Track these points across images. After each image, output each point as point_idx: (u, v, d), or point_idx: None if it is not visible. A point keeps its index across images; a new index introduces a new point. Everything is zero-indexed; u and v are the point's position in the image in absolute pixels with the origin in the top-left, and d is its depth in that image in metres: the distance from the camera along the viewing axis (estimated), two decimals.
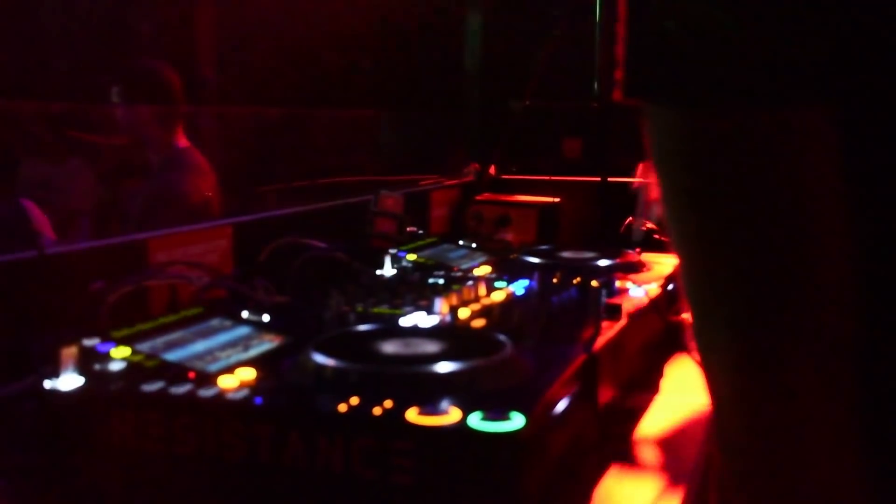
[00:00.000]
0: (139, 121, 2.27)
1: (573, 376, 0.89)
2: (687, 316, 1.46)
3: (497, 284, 1.29)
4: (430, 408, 0.74)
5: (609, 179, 2.40)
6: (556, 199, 2.31)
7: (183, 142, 2.31)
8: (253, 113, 2.09)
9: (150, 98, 2.20)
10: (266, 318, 1.04)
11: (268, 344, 0.96)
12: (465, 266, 1.46)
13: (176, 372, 0.85)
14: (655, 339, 1.28)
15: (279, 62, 2.08)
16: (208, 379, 0.83)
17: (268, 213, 1.64)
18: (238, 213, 2.07)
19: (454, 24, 2.36)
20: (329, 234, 1.56)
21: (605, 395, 0.99)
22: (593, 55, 1.96)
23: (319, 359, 0.83)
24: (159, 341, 0.93)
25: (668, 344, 1.34)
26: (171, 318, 1.00)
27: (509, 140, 2.11)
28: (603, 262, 1.41)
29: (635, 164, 2.35)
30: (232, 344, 0.95)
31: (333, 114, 2.26)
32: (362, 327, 0.98)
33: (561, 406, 0.83)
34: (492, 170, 2.47)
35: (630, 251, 1.54)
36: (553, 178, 2.49)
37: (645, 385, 1.20)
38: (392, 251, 1.45)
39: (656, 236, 2.29)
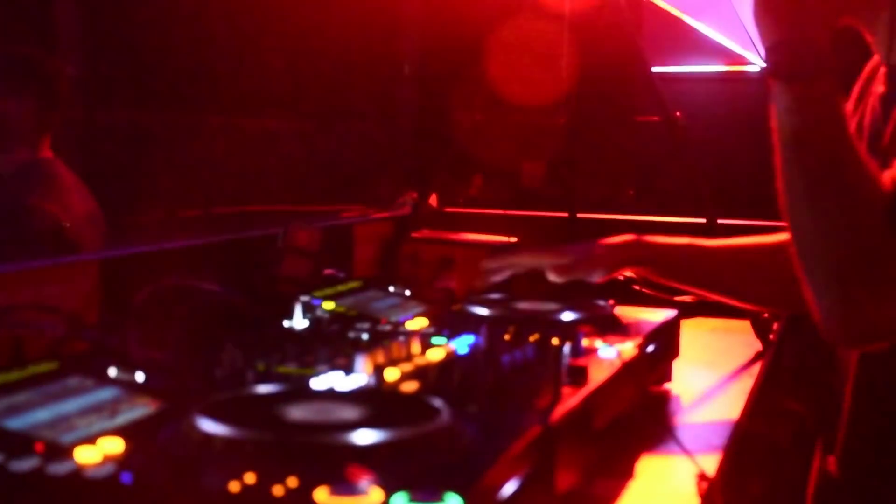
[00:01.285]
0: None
1: (525, 453, 0.92)
2: (670, 386, 1.52)
3: (434, 341, 1.31)
4: (344, 487, 0.76)
5: (578, 215, 2.47)
6: (512, 239, 2.36)
7: (47, 152, 2.31)
8: (126, 120, 2.10)
9: (21, 89, 2.20)
10: (140, 377, 1.05)
11: (141, 409, 0.97)
12: (395, 318, 1.49)
13: (18, 443, 0.85)
14: (629, 411, 1.32)
15: (161, 57, 2.10)
16: (62, 452, 0.84)
17: (145, 247, 1.65)
18: (103, 246, 2.07)
19: (388, 18, 2.42)
20: (223, 275, 1.58)
21: (565, 479, 1.02)
22: (561, 60, 2.04)
23: (206, 426, 0.85)
24: None
25: (645, 419, 1.38)
26: (14, 374, 1.01)
27: (455, 162, 2.16)
28: (567, 316, 1.46)
29: (611, 194, 2.42)
30: (94, 409, 0.95)
31: (231, 123, 2.28)
32: (262, 388, 1.00)
33: (509, 489, 0.86)
34: (432, 200, 2.52)
35: (601, 303, 1.58)
36: (509, 211, 2.55)
37: (615, 469, 1.23)
38: (304, 298, 1.47)
39: (635, 287, 2.36)
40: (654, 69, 2.11)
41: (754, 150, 3.42)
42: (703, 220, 2.10)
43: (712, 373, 1.78)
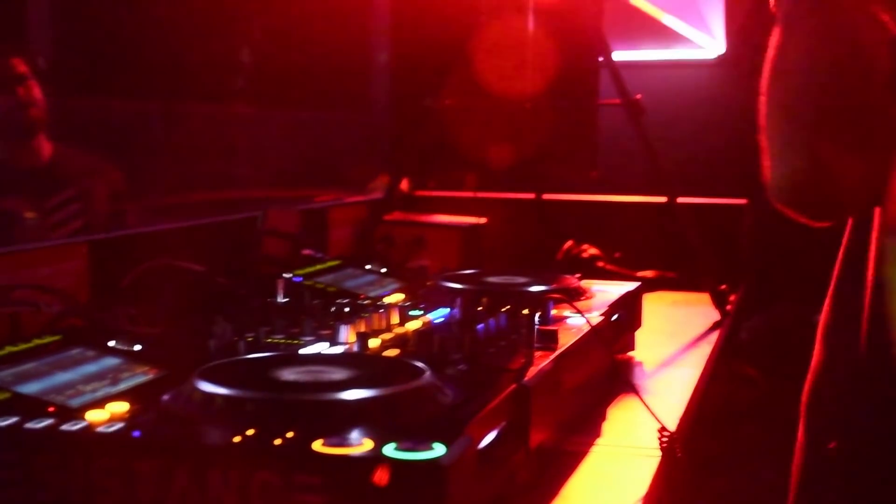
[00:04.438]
0: None
1: (501, 408, 0.98)
2: (633, 354, 1.58)
3: (412, 313, 1.37)
4: (338, 439, 0.81)
5: (545, 196, 2.54)
6: (482, 220, 2.42)
7: None
8: (98, 105, 2.12)
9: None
10: (138, 348, 1.10)
11: (141, 377, 1.03)
12: (373, 294, 1.55)
13: (32, 406, 0.91)
14: (597, 376, 1.39)
15: (134, 44, 2.12)
16: (72, 413, 0.89)
17: (132, 230, 1.69)
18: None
19: (360, 5, 2.46)
20: (206, 256, 1.63)
21: (539, 434, 1.08)
22: (526, 47, 2.09)
23: (207, 387, 0.90)
24: (7, 373, 0.98)
25: (611, 383, 1.45)
26: (20, 346, 1.06)
27: (425, 147, 2.22)
28: (536, 288, 1.52)
29: (575, 176, 2.49)
30: (98, 376, 1.01)
31: (205, 110, 2.31)
32: (255, 355, 1.05)
33: (487, 440, 0.92)
34: (404, 184, 2.57)
35: (568, 276, 1.65)
36: (478, 194, 2.61)
37: (584, 428, 1.30)
38: (286, 275, 1.52)
39: (599, 263, 2.43)
40: (616, 55, 2.18)
41: (711, 133, 3.51)
42: (663, 199, 2.17)
43: (673, 342, 1.85)
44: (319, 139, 2.61)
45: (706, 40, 3.76)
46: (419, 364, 1.00)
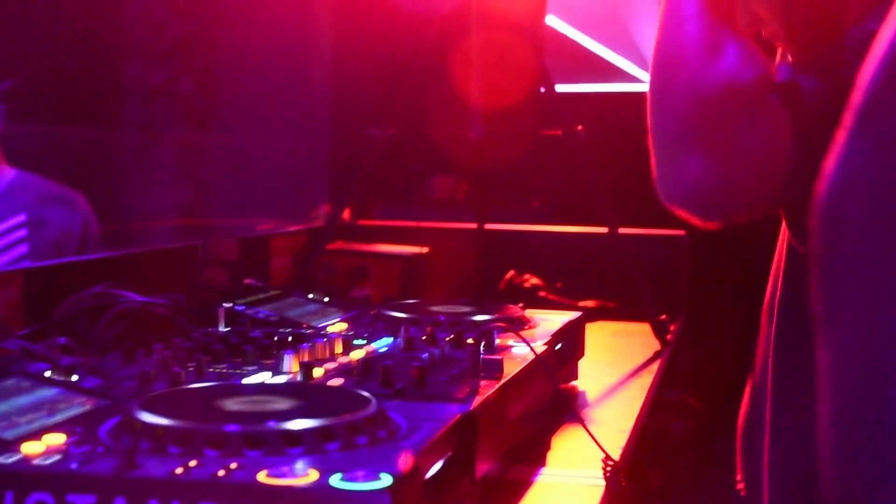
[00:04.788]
0: None
1: (447, 438, 0.97)
2: (577, 383, 1.58)
3: (356, 343, 1.36)
4: (283, 469, 0.80)
5: (486, 226, 2.54)
6: (424, 249, 2.42)
7: None
8: (43, 134, 2.09)
9: None
10: (76, 378, 1.08)
11: (78, 408, 1.00)
12: (316, 323, 1.54)
13: None
14: (542, 405, 1.39)
15: (78, 73, 2.10)
16: (7, 445, 0.87)
17: (67, 258, 1.66)
18: None
19: (302, 33, 2.46)
20: (145, 286, 1.60)
21: (484, 463, 1.07)
22: (468, 76, 2.11)
23: (148, 418, 0.88)
24: None
25: (556, 412, 1.45)
26: None
27: (368, 177, 2.21)
28: (480, 317, 1.52)
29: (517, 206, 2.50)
30: (33, 407, 0.98)
31: (145, 139, 2.29)
32: (198, 385, 1.04)
33: (433, 470, 0.92)
34: (346, 214, 2.56)
35: (511, 305, 1.65)
36: (420, 223, 2.61)
37: (529, 457, 1.30)
38: (227, 305, 1.50)
39: (541, 293, 2.44)
40: (557, 86, 2.20)
41: (649, 165, 3.55)
42: (604, 230, 2.19)
43: (615, 371, 1.87)
44: (261, 168, 2.60)
45: (643, 74, 3.83)
46: (364, 393, 0.99)
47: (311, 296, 1.71)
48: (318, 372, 1.17)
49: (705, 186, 1.06)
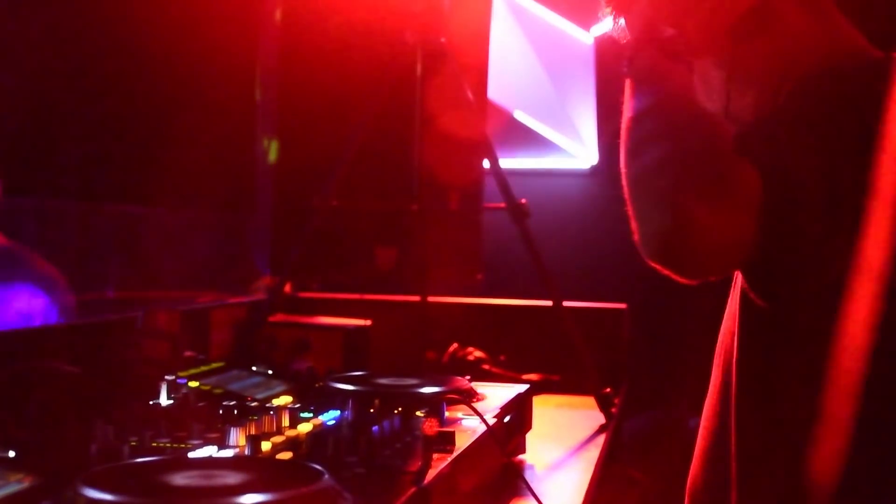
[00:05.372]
0: None
1: None
2: (524, 457, 1.57)
3: (303, 415, 1.34)
4: None
5: (430, 298, 2.53)
6: (366, 322, 2.40)
7: None
8: None
9: None
10: (11, 454, 1.04)
11: (15, 485, 0.96)
12: (260, 396, 1.50)
13: None
14: (492, 479, 1.37)
15: (11, 143, 2.06)
16: None
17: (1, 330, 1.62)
18: None
19: (245, 105, 2.45)
20: (82, 358, 1.56)
21: None
22: (412, 148, 2.12)
23: (92, 494, 0.85)
24: None
25: (505, 486, 1.43)
26: None
27: (310, 247, 2.20)
28: (429, 389, 1.50)
29: (460, 279, 2.50)
30: None
31: (79, 208, 2.24)
32: (143, 459, 1.00)
33: None
34: (287, 287, 2.54)
35: (458, 378, 1.64)
36: (362, 296, 2.59)
37: None
38: (168, 377, 1.47)
39: (485, 366, 2.43)
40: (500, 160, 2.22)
41: (589, 240, 3.59)
42: (548, 303, 2.20)
43: (561, 445, 1.85)
44: (200, 239, 2.56)
45: (580, 150, 3.89)
46: (315, 467, 0.97)
47: (254, 368, 1.68)
48: (265, 445, 1.14)
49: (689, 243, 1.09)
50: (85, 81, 2.09)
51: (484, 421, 1.31)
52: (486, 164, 2.21)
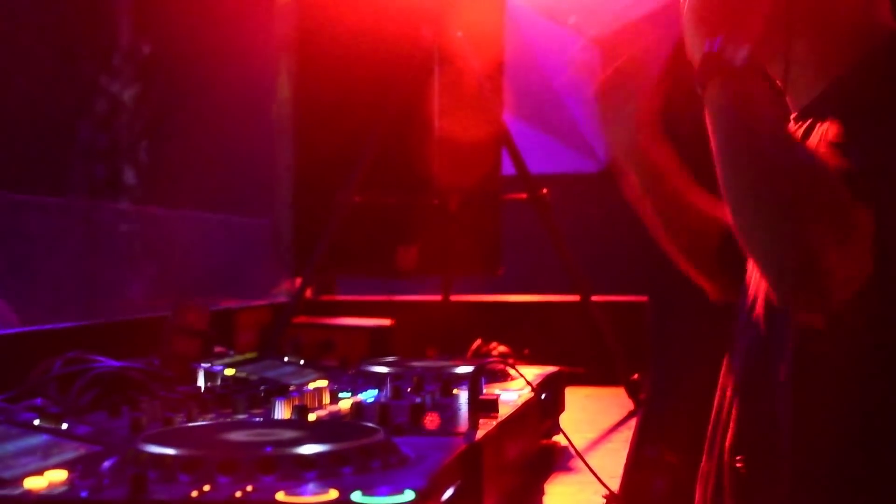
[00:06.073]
0: None
1: (455, 466, 0.96)
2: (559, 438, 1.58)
3: (341, 395, 1.35)
4: (300, 489, 0.79)
5: (452, 297, 2.55)
6: (388, 322, 2.41)
7: None
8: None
9: None
10: (65, 426, 1.05)
11: (72, 452, 0.97)
12: (296, 381, 1.51)
13: None
14: (533, 454, 1.39)
15: (19, 135, 2.07)
16: (8, 483, 0.84)
17: (37, 326, 1.63)
18: None
19: (262, 110, 2.47)
20: (116, 355, 1.57)
21: (490, 497, 1.06)
22: (431, 144, 2.14)
23: (154, 449, 0.86)
24: None
25: (544, 458, 1.45)
26: None
27: (332, 247, 2.21)
28: (464, 369, 1.51)
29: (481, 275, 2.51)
30: (27, 452, 0.95)
31: (110, 209, 2.25)
32: (200, 422, 1.02)
33: (447, 494, 0.90)
34: (308, 293, 2.55)
35: (490, 359, 1.65)
36: (383, 297, 2.60)
37: (527, 498, 1.29)
38: (205, 365, 1.48)
39: (509, 360, 2.44)
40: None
41: (606, 237, 3.61)
42: (574, 298, 2.21)
43: (594, 428, 1.86)
44: (221, 242, 2.58)
45: (587, 157, 3.92)
46: (370, 424, 0.98)
47: (286, 359, 1.69)
48: (311, 417, 1.15)
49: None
50: (109, 84, 2.12)
51: (529, 383, 1.32)
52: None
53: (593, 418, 1.95)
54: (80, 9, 2.14)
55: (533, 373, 1.65)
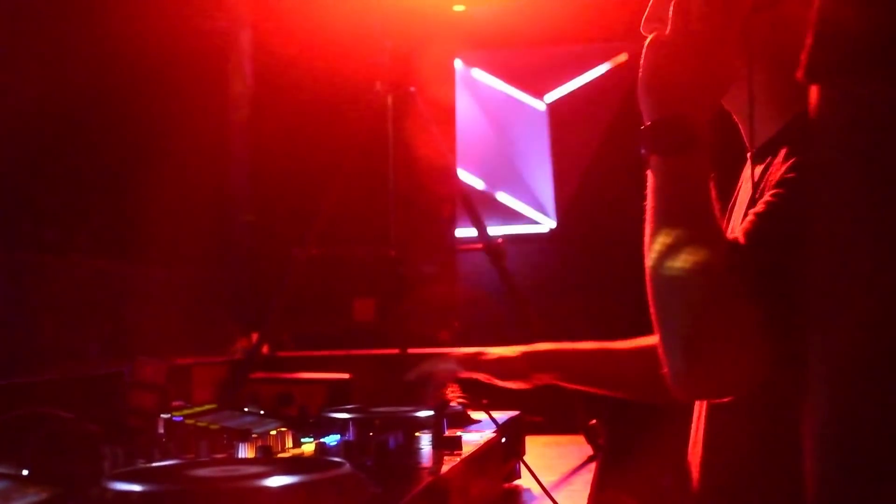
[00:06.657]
0: None
1: (422, 499, 0.97)
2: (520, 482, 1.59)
3: (304, 440, 1.35)
4: None
5: (409, 350, 2.55)
6: (346, 375, 2.41)
7: None
8: None
9: None
10: (26, 472, 1.04)
11: (34, 496, 0.96)
12: (258, 430, 1.51)
13: None
14: (496, 496, 1.39)
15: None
16: None
17: None
18: None
19: (220, 163, 2.48)
20: (71, 409, 1.55)
21: None
22: (387, 195, 2.16)
23: (122, 487, 0.86)
24: None
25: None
26: None
27: (288, 301, 2.22)
28: (426, 413, 1.52)
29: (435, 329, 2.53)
30: None
31: (64, 263, 2.23)
32: (165, 462, 1.01)
33: None
34: (264, 349, 2.54)
35: (450, 405, 1.66)
36: (339, 352, 2.60)
37: None
38: (164, 416, 1.47)
39: (468, 410, 2.44)
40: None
41: (549, 302, 3.64)
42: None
43: (554, 472, 1.87)
44: (177, 298, 2.57)
45: (539, 216, 3.96)
46: (336, 459, 0.99)
47: (246, 409, 1.68)
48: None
49: None
50: (64, 137, 2.12)
51: (493, 420, 1.33)
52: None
53: (552, 463, 1.96)
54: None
55: (496, 417, 1.66)
